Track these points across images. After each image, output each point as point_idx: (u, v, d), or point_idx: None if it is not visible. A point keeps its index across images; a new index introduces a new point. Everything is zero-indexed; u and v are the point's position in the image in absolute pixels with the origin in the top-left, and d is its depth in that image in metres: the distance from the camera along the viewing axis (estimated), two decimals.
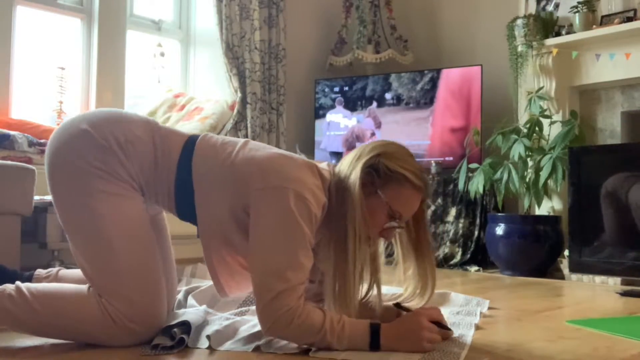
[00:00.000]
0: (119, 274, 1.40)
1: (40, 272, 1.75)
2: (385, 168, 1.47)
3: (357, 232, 1.41)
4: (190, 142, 1.52)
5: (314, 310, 1.37)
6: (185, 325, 1.47)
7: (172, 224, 1.72)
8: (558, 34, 3.47)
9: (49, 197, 2.42)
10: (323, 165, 1.53)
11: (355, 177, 1.44)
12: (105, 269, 1.41)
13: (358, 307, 1.46)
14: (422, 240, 1.57)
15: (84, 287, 1.44)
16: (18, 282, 1.44)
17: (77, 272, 1.71)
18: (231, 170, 1.46)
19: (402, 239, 1.59)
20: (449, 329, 1.55)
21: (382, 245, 1.63)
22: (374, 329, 1.38)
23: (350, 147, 4.24)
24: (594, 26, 3.33)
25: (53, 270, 1.76)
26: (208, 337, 1.44)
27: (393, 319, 1.49)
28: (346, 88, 4.28)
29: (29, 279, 1.69)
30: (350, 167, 1.48)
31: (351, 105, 4.26)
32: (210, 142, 1.53)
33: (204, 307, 1.72)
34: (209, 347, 1.42)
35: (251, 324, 1.60)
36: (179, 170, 1.48)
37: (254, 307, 1.78)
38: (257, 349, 1.41)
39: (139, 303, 1.40)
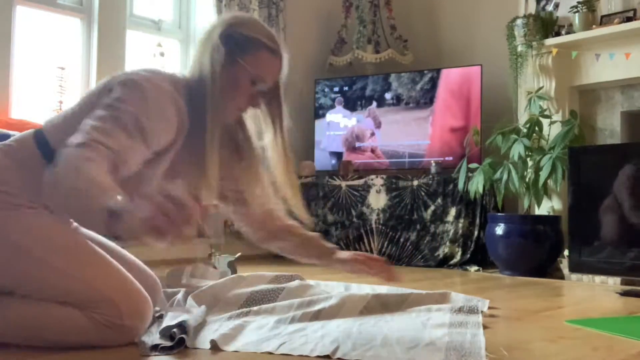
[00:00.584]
0: (83, 285, 1.37)
1: None
2: (240, 35, 1.47)
3: (216, 100, 1.43)
4: (39, 130, 1.47)
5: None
6: (185, 326, 1.47)
7: None
8: (558, 34, 3.47)
9: None
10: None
11: (212, 50, 1.44)
12: (67, 289, 1.36)
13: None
14: (277, 111, 1.61)
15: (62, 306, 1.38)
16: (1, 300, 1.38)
17: None
18: (80, 110, 1.42)
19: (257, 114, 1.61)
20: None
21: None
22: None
23: (350, 147, 4.24)
24: (594, 26, 3.34)
25: None
26: (213, 341, 1.42)
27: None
28: (346, 88, 4.28)
29: None
30: (202, 46, 1.48)
31: (351, 105, 4.26)
32: (55, 116, 1.51)
33: (203, 307, 1.73)
34: (212, 348, 1.40)
35: (256, 324, 1.60)
36: (44, 156, 1.40)
37: (256, 308, 1.78)
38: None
39: (119, 298, 1.37)
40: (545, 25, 3.49)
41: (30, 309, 1.37)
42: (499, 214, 3.46)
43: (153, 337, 1.46)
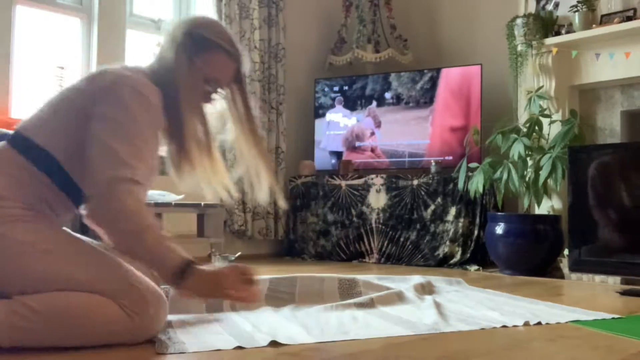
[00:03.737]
0: (110, 274, 1.40)
1: None
2: (200, 36, 1.56)
3: (189, 97, 1.53)
4: (13, 137, 1.48)
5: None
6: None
7: (172, 223, 1.72)
8: (558, 33, 3.47)
9: None
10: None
11: (177, 46, 1.54)
12: (95, 278, 1.38)
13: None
14: (247, 111, 1.68)
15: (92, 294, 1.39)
16: (16, 297, 1.34)
17: None
18: (59, 113, 1.47)
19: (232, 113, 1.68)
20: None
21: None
22: (188, 262, 1.37)
23: (350, 146, 4.24)
24: (594, 25, 3.34)
25: None
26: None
27: None
28: (346, 87, 4.28)
29: None
30: (167, 42, 1.57)
31: (351, 104, 4.26)
32: (30, 119, 1.51)
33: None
34: (218, 349, 1.41)
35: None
36: (31, 161, 1.44)
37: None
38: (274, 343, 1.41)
39: (142, 287, 1.40)
40: (545, 24, 3.49)
41: (60, 299, 1.35)
42: (499, 213, 3.46)
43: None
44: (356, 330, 1.61)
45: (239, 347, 1.40)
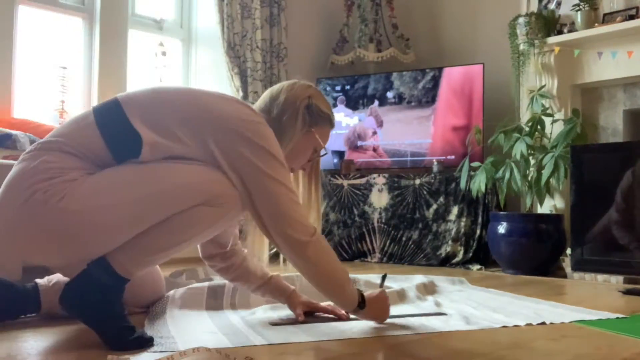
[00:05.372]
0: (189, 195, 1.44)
1: (40, 281, 1.67)
2: (318, 110, 1.66)
3: (294, 164, 1.69)
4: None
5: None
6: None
7: None
8: (560, 32, 3.47)
9: None
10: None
11: (297, 117, 1.62)
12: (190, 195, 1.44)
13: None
14: (318, 170, 1.87)
15: None
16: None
17: None
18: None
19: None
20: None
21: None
22: (361, 294, 1.63)
23: (352, 145, 4.24)
24: (596, 24, 3.33)
25: (53, 278, 1.68)
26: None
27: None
28: (348, 87, 4.28)
29: (36, 292, 1.64)
30: (286, 106, 1.63)
31: (353, 104, 4.25)
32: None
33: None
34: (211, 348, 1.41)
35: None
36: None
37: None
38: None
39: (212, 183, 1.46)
40: (547, 23, 3.48)
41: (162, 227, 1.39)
42: (501, 212, 3.45)
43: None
44: (353, 329, 1.60)
45: (230, 346, 1.39)
